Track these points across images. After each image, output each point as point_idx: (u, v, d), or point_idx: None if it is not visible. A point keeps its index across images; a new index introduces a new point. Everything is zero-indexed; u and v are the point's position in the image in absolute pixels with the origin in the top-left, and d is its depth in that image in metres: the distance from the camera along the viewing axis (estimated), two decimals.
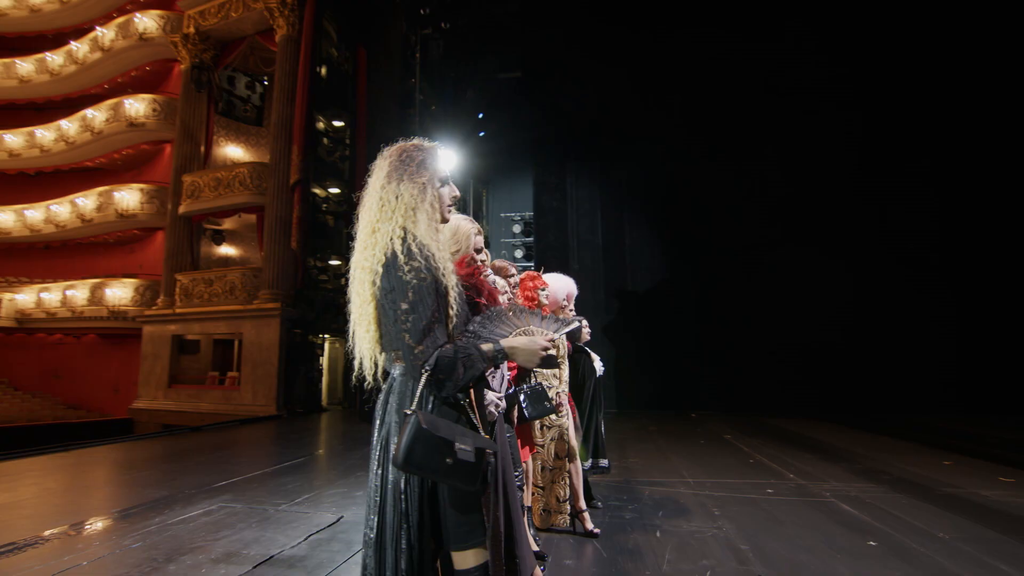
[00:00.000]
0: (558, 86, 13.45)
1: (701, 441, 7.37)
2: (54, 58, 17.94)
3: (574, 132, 13.56)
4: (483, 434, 1.42)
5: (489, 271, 2.35)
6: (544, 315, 1.57)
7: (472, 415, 1.44)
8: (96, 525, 3.71)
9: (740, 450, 6.59)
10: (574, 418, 3.85)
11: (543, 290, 3.54)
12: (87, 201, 16.03)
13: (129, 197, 15.57)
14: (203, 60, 14.94)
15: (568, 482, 3.46)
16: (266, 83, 16.52)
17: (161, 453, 6.95)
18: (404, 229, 1.42)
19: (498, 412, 2.29)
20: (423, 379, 1.32)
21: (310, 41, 12.98)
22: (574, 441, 3.48)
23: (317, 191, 14.12)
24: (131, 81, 17.26)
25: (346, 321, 1.52)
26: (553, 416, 3.44)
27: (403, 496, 1.35)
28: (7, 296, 17.14)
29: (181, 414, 12.57)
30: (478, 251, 2.18)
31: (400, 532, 1.35)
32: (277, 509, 3.97)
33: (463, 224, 2.17)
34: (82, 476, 5.78)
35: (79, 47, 17.34)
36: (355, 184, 13.07)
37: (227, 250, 15.57)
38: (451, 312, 1.42)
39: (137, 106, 15.69)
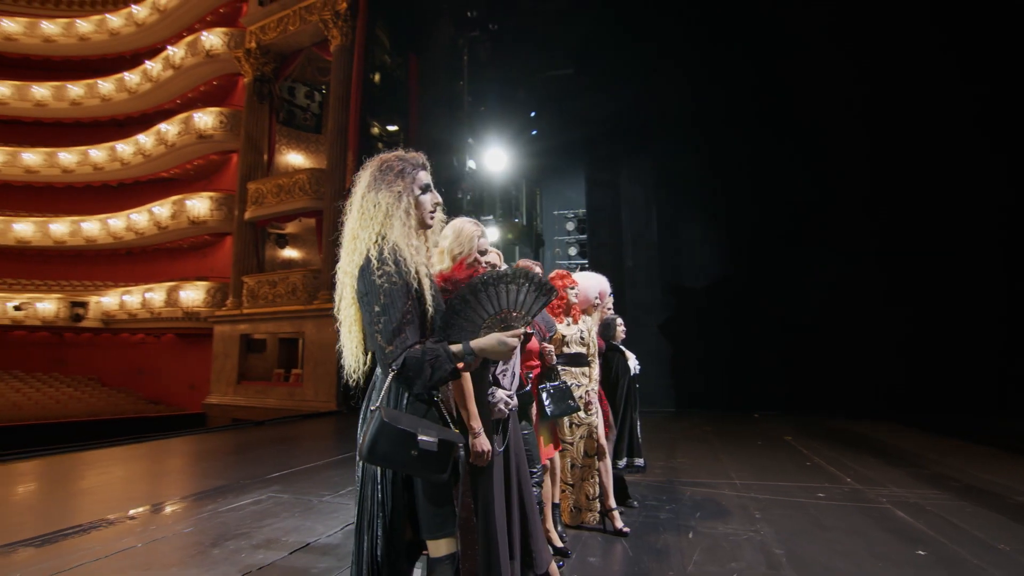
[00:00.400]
0: (610, 81, 13.28)
1: (758, 442, 7.09)
2: (132, 77, 19.36)
3: (627, 127, 13.35)
4: (453, 429, 1.46)
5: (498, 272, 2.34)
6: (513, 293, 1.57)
7: (443, 410, 1.47)
8: (156, 511, 3.99)
9: (799, 452, 6.29)
10: (607, 417, 3.80)
11: (572, 288, 3.52)
12: (162, 209, 17.21)
13: (200, 205, 16.60)
14: (264, 73, 15.71)
15: (597, 480, 3.42)
16: (324, 92, 17.17)
17: (227, 446, 7.38)
18: (380, 236, 1.48)
19: (508, 410, 2.29)
20: (389, 378, 1.39)
21: (362, 50, 13.40)
22: (603, 439, 3.44)
23: None
24: (200, 96, 18.38)
25: None
26: (582, 414, 3.41)
27: (379, 487, 1.41)
28: (94, 299, 18.67)
29: (249, 409, 13.28)
30: (483, 252, 2.19)
31: (376, 520, 1.40)
32: (320, 500, 4.13)
33: (467, 226, 2.19)
34: (154, 465, 6.23)
35: (153, 66, 18.62)
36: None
37: (290, 253, 16.30)
38: (428, 312, 1.47)
39: (206, 119, 16.69)
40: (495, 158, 12.09)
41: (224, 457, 6.51)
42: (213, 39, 16.65)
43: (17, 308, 18.68)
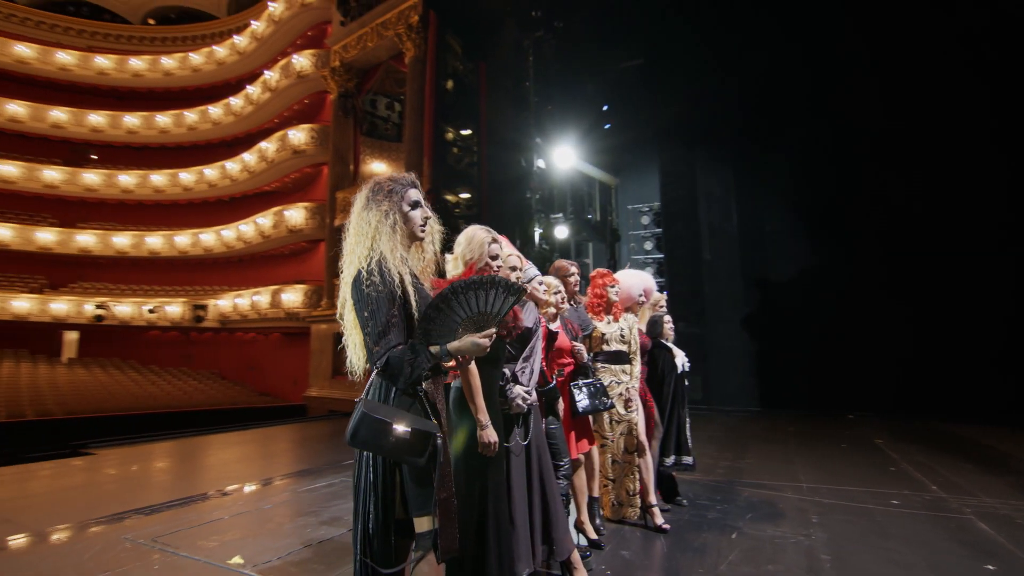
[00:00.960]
0: (684, 68, 12.91)
1: (842, 445, 6.70)
2: (236, 101, 21.38)
3: (703, 116, 12.91)
4: (432, 420, 1.61)
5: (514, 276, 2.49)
6: (493, 297, 1.72)
7: (426, 404, 1.63)
8: (245, 489, 4.55)
9: (886, 456, 5.90)
10: (652, 414, 3.82)
11: (612, 287, 3.58)
12: (265, 220, 18.90)
13: (296, 215, 18.05)
14: (348, 89, 16.78)
15: (637, 476, 3.47)
16: (402, 102, 18.01)
17: (319, 434, 8.11)
18: (371, 250, 1.65)
19: (527, 405, 2.44)
20: (374, 374, 1.59)
21: (434, 59, 13.93)
22: (643, 436, 3.47)
23: (449, 198, 15.08)
24: (295, 114, 19.94)
25: None
26: (622, 410, 3.47)
27: (370, 469, 1.59)
28: (212, 302, 20.91)
29: (344, 401, 14.32)
30: (493, 257, 2.34)
31: (368, 498, 1.59)
32: None
33: (478, 233, 2.35)
34: (260, 449, 7.03)
35: (253, 90, 20.45)
36: (482, 188, 13.79)
37: None
38: (414, 316, 1.65)
39: (299, 135, 18.09)
40: (563, 156, 12.14)
41: (314, 444, 7.20)
42: (303, 61, 18.00)
43: (151, 311, 21.34)
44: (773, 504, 3.98)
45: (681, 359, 4.14)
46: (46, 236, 21.70)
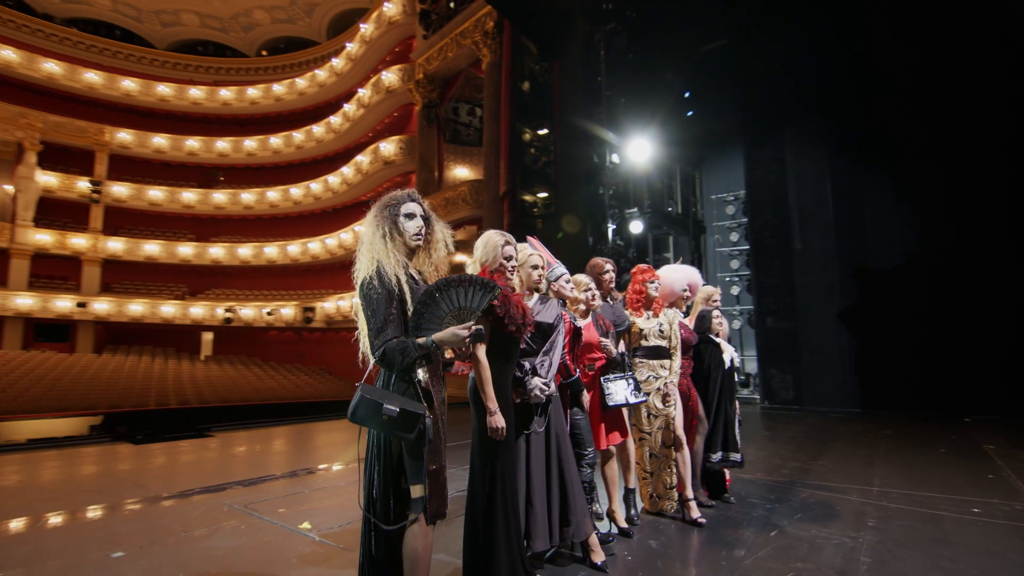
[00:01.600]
0: (770, 45, 12.26)
1: (941, 449, 6.11)
2: (335, 119, 23.20)
3: (791, 95, 12.18)
4: (422, 403, 1.86)
5: (516, 279, 2.68)
6: (471, 293, 1.95)
7: (418, 389, 1.89)
8: (333, 468, 5.11)
9: (989, 463, 5.32)
10: (696, 409, 3.82)
11: (652, 283, 3.63)
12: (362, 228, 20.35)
13: None
14: (431, 99, 17.64)
15: (675, 470, 3.49)
16: (482, 107, 18.63)
17: None
18: (373, 259, 1.93)
19: (544, 396, 2.62)
20: (372, 363, 1.86)
21: (509, 63, 14.29)
22: (680, 431, 3.49)
23: (527, 197, 15.41)
24: (386, 127, 21.28)
25: None
26: (659, 404, 3.51)
27: (377, 444, 1.90)
28: (319, 304, 22.89)
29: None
30: (507, 259, 2.53)
31: (374, 467, 1.89)
32: (462, 469, 4.85)
33: (492, 237, 2.55)
34: (352, 436, 7.73)
35: (349, 107, 22.08)
36: (558, 186, 13.93)
37: (461, 258, 18.01)
38: (410, 312, 1.92)
39: (388, 147, 19.30)
40: (638, 149, 11.97)
41: None
42: (391, 76, 19.17)
43: (268, 313, 23.76)
44: (830, 506, 3.80)
45: (729, 354, 4.07)
46: (186, 250, 24.88)
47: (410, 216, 2.05)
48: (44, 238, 21.70)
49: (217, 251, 25.16)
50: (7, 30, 22.67)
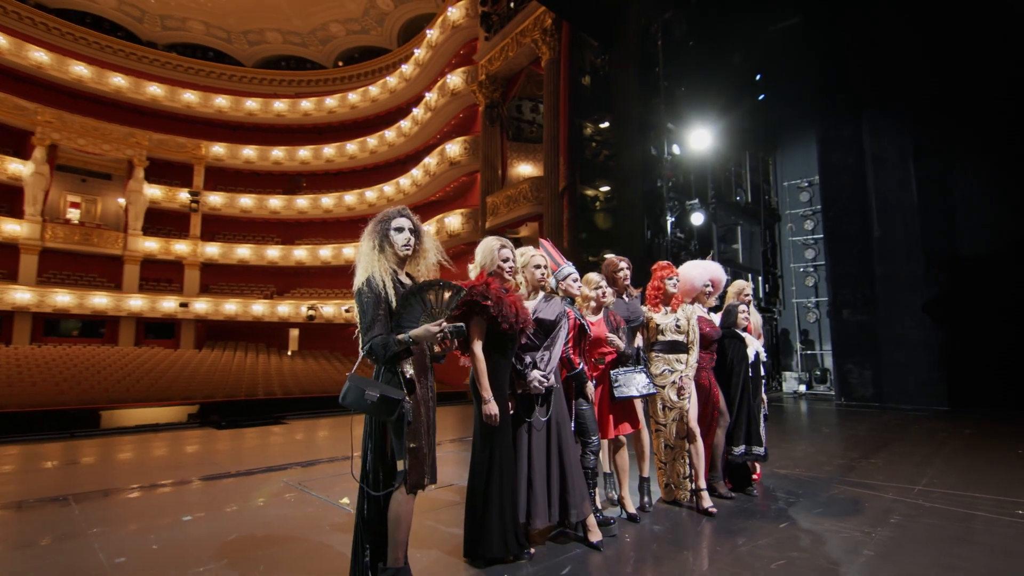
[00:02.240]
0: (849, 19, 11.57)
1: (1019, 451, 5.62)
2: (405, 124, 24.13)
3: (869, 73, 11.44)
4: (403, 391, 2.10)
5: (520, 281, 2.86)
6: (445, 297, 2.17)
7: (401, 380, 2.12)
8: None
9: None
10: (717, 402, 3.80)
11: (671, 279, 3.67)
12: (430, 227, 21.09)
13: (453, 221, 19.86)
14: (493, 99, 17.96)
15: (688, 461, 3.51)
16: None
17: (469, 414, 9.12)
18: (364, 268, 2.20)
19: (543, 387, 2.77)
20: (360, 356, 2.13)
21: (567, 59, 14.30)
22: (693, 423, 3.49)
23: (588, 192, 15.36)
24: (452, 128, 21.88)
25: None
26: (674, 397, 3.54)
27: (371, 425, 2.18)
28: None
29: None
30: (504, 261, 2.71)
31: (367, 444, 2.18)
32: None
33: (489, 242, 2.75)
34: None
35: (417, 111, 22.90)
36: (618, 180, 13.81)
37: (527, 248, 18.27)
38: (393, 312, 2.19)
39: (454, 148, 19.85)
40: (699, 138, 11.63)
41: (461, 423, 8.23)
42: (455, 79, 19.69)
43: (347, 311, 25.19)
44: (857, 502, 3.63)
45: (755, 348, 4.01)
46: (273, 252, 26.86)
47: (399, 230, 2.30)
48: (151, 245, 24.21)
49: (301, 252, 26.96)
50: (118, 59, 25.47)
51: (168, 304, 23.84)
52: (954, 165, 10.41)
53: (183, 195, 25.37)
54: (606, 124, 15.63)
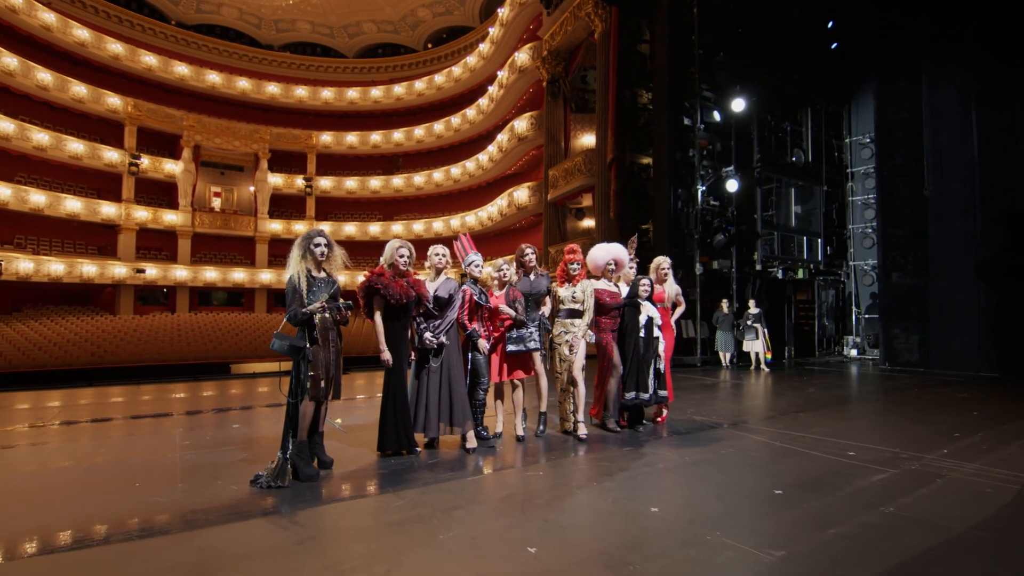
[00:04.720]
0: None
1: (975, 412, 5.85)
2: (483, 101, 25.41)
3: (928, 18, 10.77)
4: (306, 343, 3.39)
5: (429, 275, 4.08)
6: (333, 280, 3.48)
7: (310, 335, 3.40)
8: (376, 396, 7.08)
9: None
10: (611, 356, 4.80)
11: (572, 264, 4.73)
12: (502, 201, 22.45)
13: (521, 194, 21.01)
14: (555, 73, 18.62)
15: (573, 401, 4.61)
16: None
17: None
18: (292, 266, 3.47)
19: (433, 343, 4.04)
20: (283, 322, 3.46)
21: (616, 31, 14.56)
22: (576, 373, 4.54)
23: (639, 161, 15.74)
24: (525, 103, 22.77)
25: None
26: (566, 352, 4.62)
27: (297, 364, 3.44)
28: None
29: None
30: (401, 256, 3.97)
31: (294, 374, 3.46)
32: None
33: (392, 243, 4.01)
34: None
35: (492, 89, 24.04)
36: (657, 150, 14.14)
37: (588, 223, 19.04)
38: (305, 298, 3.44)
39: (521, 124, 20.84)
40: (737, 105, 11.69)
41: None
42: (523, 56, 20.51)
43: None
44: (741, 444, 4.23)
45: (647, 314, 4.92)
46: (375, 228, 29.88)
47: (317, 244, 3.58)
48: (276, 226, 28.15)
49: (398, 227, 29.71)
50: (242, 63, 29.34)
51: None
52: (1021, 114, 9.66)
53: (299, 181, 29.01)
54: (651, 95, 15.76)
